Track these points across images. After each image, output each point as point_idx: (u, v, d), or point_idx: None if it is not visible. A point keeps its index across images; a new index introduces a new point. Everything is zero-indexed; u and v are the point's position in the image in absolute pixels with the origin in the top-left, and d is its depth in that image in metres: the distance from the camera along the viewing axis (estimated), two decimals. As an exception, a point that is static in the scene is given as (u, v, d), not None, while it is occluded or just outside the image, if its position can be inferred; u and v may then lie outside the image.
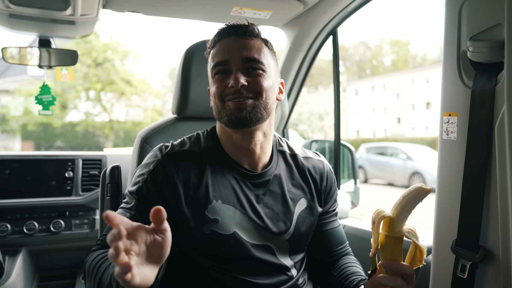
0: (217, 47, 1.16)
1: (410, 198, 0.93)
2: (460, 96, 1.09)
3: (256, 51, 1.13)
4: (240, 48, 1.12)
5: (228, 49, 1.13)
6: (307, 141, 2.70)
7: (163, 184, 1.10)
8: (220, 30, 1.18)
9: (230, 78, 1.10)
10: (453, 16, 1.11)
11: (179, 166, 1.13)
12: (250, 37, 1.15)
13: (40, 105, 2.09)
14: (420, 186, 0.93)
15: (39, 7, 1.67)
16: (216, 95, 1.13)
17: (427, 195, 0.93)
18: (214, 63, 1.14)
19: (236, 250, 1.10)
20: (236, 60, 1.11)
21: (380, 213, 0.95)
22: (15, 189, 2.27)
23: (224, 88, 1.11)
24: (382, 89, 35.41)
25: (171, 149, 1.16)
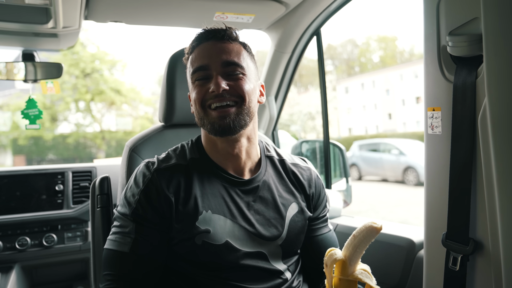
0: (195, 52, 1.15)
1: (362, 238, 0.92)
2: (443, 90, 1.10)
3: (235, 54, 1.13)
4: (219, 52, 1.12)
5: (207, 54, 1.12)
6: (297, 142, 2.71)
7: (156, 200, 1.08)
8: (197, 35, 1.17)
9: (211, 83, 1.10)
10: (431, 12, 1.12)
11: (168, 181, 1.11)
12: (228, 41, 1.15)
13: (26, 119, 2.07)
14: (371, 225, 0.92)
15: (21, 22, 1.66)
16: (197, 101, 1.12)
17: (379, 233, 0.92)
18: (193, 69, 1.13)
19: (229, 259, 1.09)
20: (216, 65, 1.11)
21: (332, 256, 0.94)
22: (5, 205, 2.25)
23: (205, 93, 1.10)
24: (372, 86, 35.59)
25: (158, 165, 1.14)
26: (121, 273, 1.04)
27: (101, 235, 1.41)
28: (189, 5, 1.70)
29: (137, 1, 1.64)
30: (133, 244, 1.05)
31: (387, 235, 1.57)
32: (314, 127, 26.77)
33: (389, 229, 1.61)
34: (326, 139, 2.15)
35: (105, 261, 1.07)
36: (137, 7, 1.68)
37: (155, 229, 1.08)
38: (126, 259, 1.05)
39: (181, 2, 1.67)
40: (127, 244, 1.05)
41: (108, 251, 1.08)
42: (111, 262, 1.07)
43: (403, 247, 1.49)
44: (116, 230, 1.09)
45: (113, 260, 1.06)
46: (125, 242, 1.06)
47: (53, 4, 1.53)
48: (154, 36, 54.73)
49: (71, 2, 1.53)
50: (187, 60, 1.19)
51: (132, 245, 1.05)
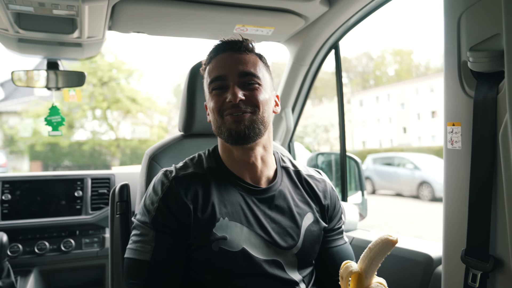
0: (213, 62, 1.18)
1: (377, 250, 0.92)
2: (463, 105, 1.10)
3: (251, 65, 1.16)
4: (236, 63, 1.15)
5: (224, 64, 1.15)
6: (313, 154, 2.71)
7: (175, 207, 1.10)
8: (215, 46, 1.20)
9: (228, 93, 1.12)
10: (452, 27, 1.12)
11: (186, 188, 1.13)
12: (245, 52, 1.18)
13: (49, 126, 2.13)
14: (387, 238, 0.91)
15: (47, 31, 1.71)
16: (215, 110, 1.14)
17: (395, 246, 0.91)
18: (211, 79, 1.16)
19: (246, 266, 1.10)
20: (233, 75, 1.13)
21: (348, 268, 0.93)
22: (26, 209, 2.30)
23: (222, 103, 1.13)
24: (387, 99, 35.38)
25: (176, 174, 1.16)
26: (144, 282, 1.06)
27: (120, 242, 1.44)
28: (210, 17, 1.74)
29: (159, 13, 1.68)
30: (154, 252, 1.07)
31: (404, 250, 1.56)
32: (328, 140, 26.66)
33: (406, 244, 1.59)
34: (343, 152, 2.15)
35: (128, 270, 1.09)
36: (159, 18, 1.72)
37: (174, 236, 1.09)
38: (148, 267, 1.06)
39: (203, 14, 1.70)
40: (148, 252, 1.07)
41: (129, 260, 1.09)
42: (133, 271, 1.08)
43: (420, 262, 1.47)
44: (136, 238, 1.10)
45: (135, 269, 1.08)
46: (145, 250, 1.07)
47: (80, 15, 1.58)
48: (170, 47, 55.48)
49: (96, 13, 1.57)
50: (204, 70, 1.22)
51: (153, 253, 1.07)
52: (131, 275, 1.08)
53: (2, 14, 1.53)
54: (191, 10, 1.67)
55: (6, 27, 1.66)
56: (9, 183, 2.31)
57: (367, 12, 1.76)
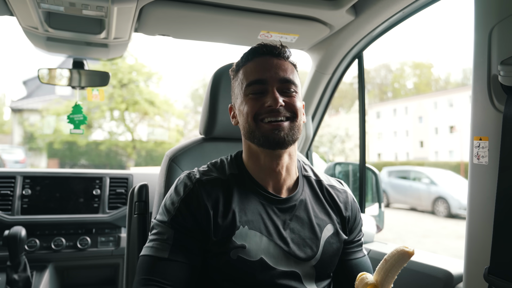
0: (250, 65, 1.16)
1: (393, 262, 0.90)
2: (491, 120, 1.08)
3: (290, 72, 1.15)
4: (277, 68, 1.13)
5: (264, 68, 1.13)
6: (330, 164, 2.69)
7: (196, 209, 1.09)
8: (253, 48, 1.17)
9: (267, 97, 1.10)
10: (483, 40, 1.11)
11: (208, 193, 1.12)
12: (283, 59, 1.16)
13: (71, 124, 2.16)
14: (403, 249, 0.90)
15: (76, 31, 1.75)
16: (250, 114, 1.12)
17: (411, 258, 0.90)
18: (248, 81, 1.13)
19: (263, 277, 1.08)
20: (274, 80, 1.12)
21: (363, 280, 0.93)
22: (44, 205, 2.33)
23: (260, 107, 1.11)
24: (404, 112, 35.04)
25: (200, 177, 1.15)
26: (158, 278, 1.04)
27: (136, 242, 1.44)
28: (235, 23, 1.75)
29: (186, 17, 1.69)
30: (172, 250, 1.06)
31: (424, 265, 1.53)
32: (343, 150, 26.49)
33: (426, 259, 1.56)
34: (362, 162, 2.12)
35: (142, 266, 1.07)
36: (185, 22, 1.74)
37: (193, 237, 1.08)
38: (164, 264, 1.05)
39: (228, 19, 1.71)
40: (165, 250, 1.06)
41: (145, 257, 1.08)
42: (148, 267, 1.06)
43: (440, 279, 1.44)
44: (154, 237, 1.10)
45: (150, 265, 1.06)
46: (163, 248, 1.06)
47: (108, 15, 1.61)
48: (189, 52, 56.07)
49: (124, 14, 1.60)
50: (237, 72, 1.20)
51: (170, 251, 1.05)
52: (144, 271, 1.06)
53: (33, 12, 1.57)
54: (217, 15, 1.68)
55: (36, 25, 1.70)
56: (30, 178, 2.35)
57: (392, 23, 1.75)
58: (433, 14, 53.25)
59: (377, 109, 37.92)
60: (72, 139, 18.24)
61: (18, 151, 19.62)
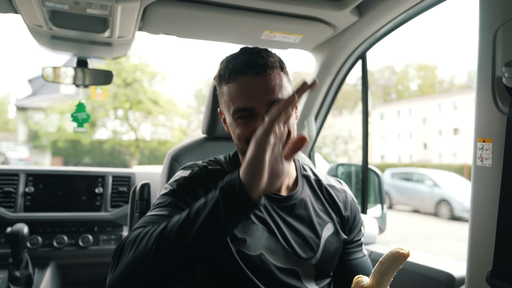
0: (234, 86, 1.08)
1: (388, 264, 0.89)
2: (495, 122, 1.07)
3: (278, 89, 1.07)
4: (263, 91, 1.05)
5: (250, 93, 1.06)
6: (333, 164, 2.68)
7: (199, 188, 1.10)
8: (235, 65, 1.08)
9: (257, 122, 1.05)
10: (487, 41, 1.10)
11: (213, 178, 1.14)
12: (268, 72, 1.07)
13: (75, 122, 2.17)
14: (397, 251, 0.89)
15: (80, 29, 1.75)
16: (242, 138, 1.09)
17: (406, 259, 0.89)
18: (235, 108, 1.08)
19: (262, 272, 1.08)
20: (261, 106, 1.05)
21: (359, 283, 0.92)
22: (47, 203, 2.34)
23: (250, 132, 1.06)
24: (408, 114, 34.96)
25: (206, 165, 1.18)
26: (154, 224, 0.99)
27: (138, 240, 1.44)
28: (239, 23, 1.74)
29: (190, 16, 1.69)
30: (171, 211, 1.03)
31: (425, 267, 1.52)
32: (346, 152, 26.45)
33: (427, 261, 1.55)
34: (365, 163, 2.12)
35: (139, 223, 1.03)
36: (189, 21, 1.74)
37: None
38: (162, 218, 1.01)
39: (232, 19, 1.71)
40: (165, 211, 1.04)
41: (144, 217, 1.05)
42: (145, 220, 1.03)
43: (441, 281, 1.43)
44: (154, 207, 1.07)
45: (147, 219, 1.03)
46: (162, 211, 1.04)
47: (112, 14, 1.61)
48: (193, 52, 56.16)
49: (128, 13, 1.60)
50: (220, 84, 1.14)
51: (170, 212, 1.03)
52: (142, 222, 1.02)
53: (38, 11, 1.57)
54: (221, 15, 1.68)
55: (41, 23, 1.70)
56: (33, 176, 2.36)
57: (397, 24, 1.74)
58: (438, 15, 53.14)
59: (381, 111, 37.84)
60: (76, 137, 18.32)
61: (22, 149, 19.72)
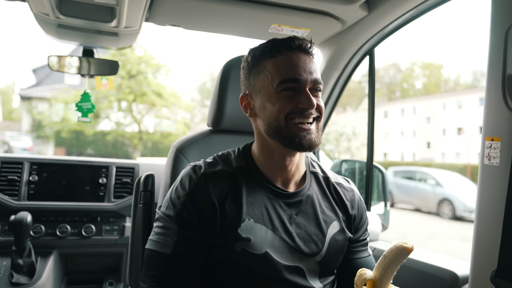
0: (283, 59, 1.10)
1: (392, 258, 0.89)
2: (504, 121, 1.06)
3: (318, 72, 1.12)
4: (309, 68, 1.10)
5: (299, 66, 1.09)
6: (337, 161, 2.68)
7: (201, 204, 1.09)
8: (281, 41, 1.11)
9: (302, 98, 1.08)
10: (499, 40, 1.09)
11: (213, 186, 1.12)
12: (311, 56, 1.13)
13: (79, 112, 2.16)
14: (401, 245, 0.89)
15: (87, 19, 1.74)
16: (282, 112, 1.08)
17: (410, 254, 0.89)
18: (282, 78, 1.08)
19: (267, 270, 1.08)
20: (308, 81, 1.09)
21: (362, 276, 0.92)
22: (51, 192, 2.35)
23: (293, 106, 1.08)
24: (412, 112, 34.82)
25: (204, 170, 1.14)
26: (162, 274, 1.06)
27: (141, 231, 1.44)
28: (247, 15, 1.73)
29: (197, 8, 1.68)
30: (175, 246, 1.06)
31: (429, 265, 1.51)
32: (349, 149, 26.41)
33: (431, 259, 1.55)
34: (370, 160, 2.11)
35: (147, 261, 1.09)
36: (196, 13, 1.73)
37: (197, 233, 1.08)
38: (168, 260, 1.06)
39: (240, 11, 1.70)
40: (169, 246, 1.06)
41: (150, 251, 1.09)
42: (153, 263, 1.08)
43: (445, 280, 1.43)
44: (159, 231, 1.10)
45: (155, 261, 1.07)
46: (167, 243, 1.07)
47: (119, 4, 1.60)
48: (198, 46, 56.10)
49: (136, 3, 1.59)
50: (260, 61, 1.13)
51: (174, 247, 1.06)
52: (150, 267, 1.08)
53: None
54: (229, 7, 1.67)
55: (48, 12, 1.69)
56: (37, 165, 2.37)
57: (406, 20, 1.72)
58: (446, 14, 52.78)
59: (385, 109, 37.70)
60: (80, 128, 18.35)
61: (26, 138, 19.80)
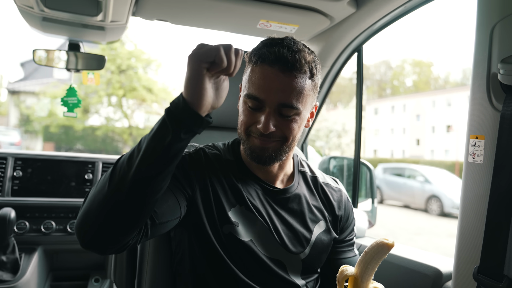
0: (256, 72, 1.05)
1: (373, 254, 0.90)
2: (489, 119, 1.07)
3: (295, 94, 1.03)
4: (279, 89, 1.02)
5: (266, 87, 1.03)
6: (325, 157, 2.68)
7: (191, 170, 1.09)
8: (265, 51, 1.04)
9: (261, 117, 1.05)
10: (484, 38, 1.09)
11: (210, 162, 1.14)
12: (294, 74, 1.03)
13: (65, 107, 2.13)
14: (382, 241, 0.90)
15: (72, 12, 1.71)
16: (243, 125, 1.09)
17: (391, 250, 0.89)
18: (248, 92, 1.07)
19: (249, 258, 1.09)
20: (271, 103, 1.03)
21: (343, 272, 0.92)
22: (35, 187, 2.31)
23: (252, 123, 1.08)
24: (402, 109, 35.08)
25: (204, 148, 1.18)
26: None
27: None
28: (234, 11, 1.72)
29: (184, 2, 1.66)
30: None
31: (413, 262, 1.52)
32: (340, 145, 26.54)
33: (415, 256, 1.56)
34: (357, 157, 2.11)
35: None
36: (184, 8, 1.71)
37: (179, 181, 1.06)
38: None
39: (227, 7, 1.69)
40: None
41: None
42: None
43: (429, 276, 1.44)
44: None
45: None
46: None
47: (105, -3, 1.58)
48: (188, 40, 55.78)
49: (122, -3, 1.57)
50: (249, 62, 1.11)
51: None
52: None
53: (29, -9, 1.54)
54: (216, 2, 1.65)
55: (32, 4, 1.66)
56: (21, 160, 2.33)
57: (394, 17, 1.73)
58: (435, 12, 53.16)
59: (375, 106, 37.93)
60: (69, 123, 18.16)
61: (13, 133, 19.52)
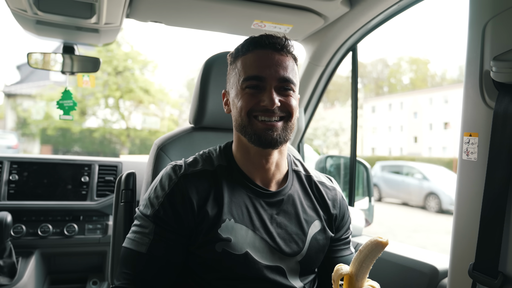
0: (250, 57, 1.10)
1: (367, 252, 0.91)
2: (482, 116, 1.07)
3: (290, 70, 1.10)
4: (278, 65, 1.08)
5: (265, 64, 1.08)
6: (322, 156, 2.68)
7: (180, 205, 1.07)
8: (255, 38, 1.12)
9: (264, 96, 1.07)
10: (476, 35, 1.09)
11: (194, 186, 1.10)
12: (285, 54, 1.11)
13: (61, 110, 2.13)
14: (376, 240, 0.90)
15: (66, 15, 1.71)
16: (243, 109, 1.09)
17: (385, 248, 0.90)
18: (246, 76, 1.09)
19: (247, 270, 1.08)
20: (273, 79, 1.07)
21: (338, 271, 0.93)
22: (32, 191, 2.31)
23: (254, 104, 1.08)
24: (400, 107, 35.14)
25: (185, 170, 1.13)
26: (136, 273, 1.05)
27: (122, 230, 1.43)
28: (228, 11, 1.72)
29: (178, 3, 1.66)
30: (151, 245, 1.05)
31: (409, 260, 1.53)
32: (337, 144, 26.56)
33: (411, 254, 1.56)
34: (353, 156, 2.12)
35: (123, 260, 1.08)
36: (178, 9, 1.71)
37: (174, 233, 1.07)
38: (143, 259, 1.05)
39: (221, 7, 1.69)
40: (144, 244, 1.05)
41: (126, 249, 1.08)
42: (128, 261, 1.07)
43: (425, 274, 1.44)
44: (136, 229, 1.09)
45: (130, 259, 1.06)
46: (143, 242, 1.06)
47: (99, 0, 1.58)
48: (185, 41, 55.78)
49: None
50: (235, 59, 1.15)
51: (149, 246, 1.05)
52: (125, 265, 1.07)
53: (22, -6, 1.53)
54: (210, 3, 1.65)
55: (25, 8, 1.66)
56: (17, 164, 2.33)
57: (387, 16, 1.73)
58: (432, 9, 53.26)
59: (373, 104, 37.97)
60: (66, 125, 18.12)
61: (11, 136, 19.43)
